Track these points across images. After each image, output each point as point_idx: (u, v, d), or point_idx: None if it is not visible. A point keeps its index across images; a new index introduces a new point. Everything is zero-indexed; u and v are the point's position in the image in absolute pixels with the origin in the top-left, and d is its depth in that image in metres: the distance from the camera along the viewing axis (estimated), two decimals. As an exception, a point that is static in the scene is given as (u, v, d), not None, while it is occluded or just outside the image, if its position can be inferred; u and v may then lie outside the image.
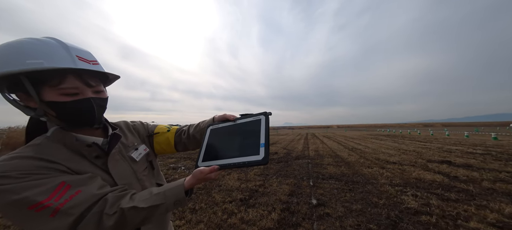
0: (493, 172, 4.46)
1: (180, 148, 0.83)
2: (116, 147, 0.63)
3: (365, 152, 8.00)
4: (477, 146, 9.45)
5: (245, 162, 0.57)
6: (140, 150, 0.70)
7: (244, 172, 4.82)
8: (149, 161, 0.74)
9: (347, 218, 2.47)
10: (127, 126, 0.77)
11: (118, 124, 0.74)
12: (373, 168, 5.05)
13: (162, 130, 0.82)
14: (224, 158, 0.62)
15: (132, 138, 0.73)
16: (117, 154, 0.63)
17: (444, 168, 4.93)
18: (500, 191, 3.24)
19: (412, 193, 3.24)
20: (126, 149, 0.67)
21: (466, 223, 2.29)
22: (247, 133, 0.65)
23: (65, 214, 0.44)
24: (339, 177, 4.30)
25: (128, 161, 0.65)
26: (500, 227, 2.19)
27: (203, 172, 0.58)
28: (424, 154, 7.13)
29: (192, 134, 0.80)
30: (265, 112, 0.68)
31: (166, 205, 0.54)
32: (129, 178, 0.62)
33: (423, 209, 2.66)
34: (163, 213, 0.55)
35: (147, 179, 0.70)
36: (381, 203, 2.87)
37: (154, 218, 0.55)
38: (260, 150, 0.57)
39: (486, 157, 6.26)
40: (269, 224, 2.36)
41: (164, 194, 0.55)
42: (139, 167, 0.67)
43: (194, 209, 2.83)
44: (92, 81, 0.56)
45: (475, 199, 2.94)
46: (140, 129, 0.79)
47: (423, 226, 2.24)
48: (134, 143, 0.71)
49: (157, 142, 0.80)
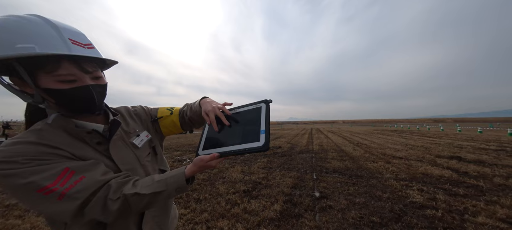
0: (506, 168, 4.30)
1: (186, 128, 0.85)
2: (117, 133, 0.63)
3: (371, 147, 7.87)
4: (491, 141, 9.09)
5: (245, 148, 0.57)
6: (142, 136, 0.71)
7: (248, 165, 4.88)
8: (152, 147, 0.74)
9: (349, 210, 2.47)
10: (128, 111, 0.76)
11: (119, 110, 0.74)
12: (378, 163, 4.98)
13: (165, 113, 0.82)
14: (224, 145, 0.62)
15: (133, 124, 0.72)
16: (119, 140, 0.63)
17: (454, 163, 4.79)
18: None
19: (418, 187, 3.18)
20: (128, 135, 0.67)
21: (474, 218, 2.24)
22: (248, 121, 0.64)
23: (71, 198, 0.46)
24: (343, 171, 4.27)
25: (130, 147, 0.65)
26: (510, 222, 2.13)
27: (204, 160, 0.58)
28: (433, 150, 6.93)
29: (191, 117, 0.81)
30: (265, 100, 0.67)
31: (168, 191, 0.55)
32: (132, 163, 0.63)
33: (428, 203, 2.61)
34: (165, 199, 0.56)
35: (150, 165, 0.71)
36: (385, 197, 2.84)
37: (156, 203, 0.56)
38: (261, 136, 0.57)
39: (500, 153, 6.02)
40: (271, 215, 2.40)
41: (165, 181, 0.56)
42: (142, 153, 0.68)
43: (198, 199, 2.92)
44: (89, 67, 0.54)
45: (485, 195, 2.86)
46: (141, 114, 0.78)
47: (427, 220, 2.21)
48: (136, 129, 0.71)
49: (163, 125, 0.81)
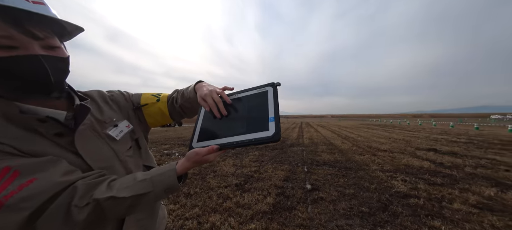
0: (474, 158, 4.73)
1: (177, 117, 0.73)
2: (85, 122, 0.51)
3: (358, 140, 8.21)
4: (461, 135, 9.96)
5: (252, 139, 0.47)
6: (121, 127, 0.58)
7: (239, 158, 4.83)
8: (134, 139, 0.63)
9: (340, 201, 2.53)
10: (102, 96, 0.62)
11: (89, 94, 0.60)
12: (365, 155, 5.19)
13: (150, 100, 0.69)
14: (224, 136, 0.52)
15: (109, 112, 0.60)
16: (89, 131, 0.51)
17: (431, 155, 5.15)
18: (480, 176, 3.44)
19: (401, 178, 3.36)
20: (102, 125, 0.55)
21: (450, 205, 2.41)
22: (252, 107, 0.55)
23: (13, 209, 0.34)
24: (332, 164, 4.39)
25: (105, 140, 0.53)
26: (480, 208, 2.33)
27: (200, 154, 0.49)
28: (413, 142, 7.40)
29: (182, 104, 0.69)
30: (272, 83, 0.58)
31: (155, 193, 0.46)
32: (108, 159, 0.52)
33: (411, 192, 2.77)
34: (151, 202, 0.46)
35: (133, 161, 0.59)
36: (373, 188, 2.96)
37: (140, 208, 0.46)
38: (269, 125, 0.48)
39: (469, 145, 6.61)
40: (264, 208, 2.38)
41: (151, 180, 0.46)
42: (121, 146, 0.56)
43: (189, 194, 2.81)
44: (39, 32, 0.42)
45: (459, 183, 3.10)
46: (120, 100, 0.65)
47: (411, 208, 2.34)
48: (113, 118, 0.59)
49: (148, 114, 0.69)
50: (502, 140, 8.03)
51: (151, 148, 6.60)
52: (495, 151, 5.61)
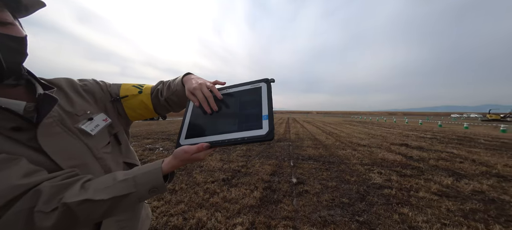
0: (437, 152, 5.35)
1: (162, 111, 0.68)
2: (52, 114, 0.44)
3: (341, 136, 8.70)
4: (427, 131, 11.14)
5: (244, 138, 0.46)
6: (97, 121, 0.53)
7: (227, 153, 4.80)
8: (113, 134, 0.57)
9: (323, 194, 2.68)
10: (72, 86, 0.54)
11: (56, 82, 0.52)
12: (346, 150, 5.54)
13: (132, 91, 0.63)
14: (215, 133, 0.50)
15: (82, 103, 0.53)
16: (56, 125, 0.45)
17: (403, 149, 5.69)
18: (441, 167, 3.91)
19: (377, 171, 3.66)
20: (73, 118, 0.49)
21: (417, 193, 2.71)
22: (244, 104, 0.53)
23: None
24: (317, 158, 4.60)
25: (77, 135, 0.47)
26: (439, 195, 2.66)
27: (188, 152, 0.46)
28: (388, 138, 8.08)
29: (168, 97, 0.64)
30: (266, 79, 0.56)
31: (138, 194, 0.43)
32: (80, 157, 0.46)
33: (385, 183, 3.04)
34: (133, 204, 0.43)
35: (111, 158, 0.54)
36: (353, 180, 3.18)
37: (120, 210, 0.42)
38: (263, 123, 0.47)
39: (433, 141, 7.44)
40: (251, 202, 2.41)
41: (133, 180, 0.43)
42: (98, 142, 0.51)
43: (174, 190, 2.73)
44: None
45: (424, 174, 3.49)
46: (95, 91, 0.58)
47: (385, 198, 2.58)
48: (86, 110, 0.52)
49: (129, 107, 0.63)
50: (459, 135, 9.18)
51: (132, 143, 6.21)
52: (453, 145, 6.41)
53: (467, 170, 3.75)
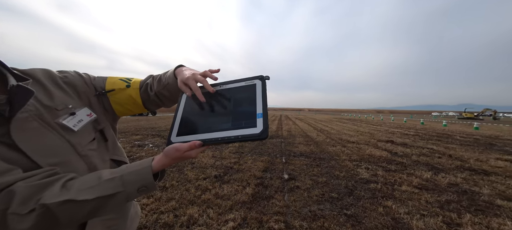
0: (419, 148, 5.70)
1: (151, 106, 0.65)
2: (28, 108, 0.41)
3: (331, 133, 8.97)
4: (411, 129, 11.82)
5: (238, 136, 0.45)
6: (81, 115, 0.49)
7: (219, 150, 4.76)
8: (98, 130, 0.54)
9: (314, 189, 2.76)
10: (51, 77, 0.50)
11: (31, 73, 0.47)
12: (336, 147, 5.73)
13: (119, 85, 0.59)
14: (207, 131, 0.49)
15: (62, 96, 0.49)
16: (33, 120, 0.41)
17: (388, 146, 6.00)
18: (422, 162, 4.18)
19: (365, 166, 3.83)
20: (53, 113, 0.45)
21: (400, 187, 2.89)
22: (239, 101, 0.52)
23: None
24: (308, 155, 4.71)
25: (57, 131, 0.44)
26: (420, 188, 2.85)
27: (180, 150, 0.44)
28: (375, 135, 8.46)
29: (159, 92, 0.61)
30: (261, 76, 0.55)
31: (126, 193, 0.41)
32: (62, 154, 0.43)
33: (372, 178, 3.20)
34: (121, 204, 0.41)
35: (97, 155, 0.51)
36: (342, 176, 3.31)
37: (106, 210, 0.41)
38: (257, 121, 0.46)
39: (416, 137, 7.92)
40: (243, 198, 2.43)
41: (121, 179, 0.41)
42: (81, 139, 0.48)
43: (164, 187, 2.67)
44: None
45: (407, 169, 3.71)
46: (77, 84, 0.54)
47: (371, 192, 2.71)
48: (68, 104, 0.49)
49: (116, 102, 0.60)
50: (438, 133, 9.84)
51: (120, 139, 5.94)
52: (433, 142, 6.86)
53: (444, 165, 4.05)
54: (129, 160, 0.65)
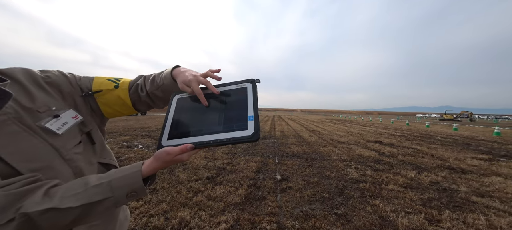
0: (404, 148, 6.00)
1: (142, 107, 0.63)
2: (6, 111, 0.39)
3: (323, 134, 9.18)
4: (397, 129, 12.40)
5: (230, 138, 0.45)
6: (65, 118, 0.47)
7: (212, 150, 4.71)
8: (85, 132, 0.52)
9: (305, 189, 2.82)
10: (32, 77, 0.47)
11: (10, 73, 0.44)
12: (328, 147, 5.87)
13: (106, 86, 0.57)
14: (199, 134, 0.48)
15: (44, 97, 0.46)
16: (12, 123, 0.39)
17: (377, 146, 6.25)
18: (407, 162, 4.40)
19: (355, 166, 3.97)
20: (34, 115, 0.43)
21: (387, 186, 3.02)
22: (230, 104, 0.52)
23: None
24: (300, 155, 4.79)
25: (40, 135, 0.42)
26: (405, 187, 3.00)
27: (171, 153, 0.44)
28: (365, 136, 8.78)
29: (152, 92, 0.60)
30: (251, 80, 0.55)
31: (115, 199, 0.40)
32: (44, 159, 0.41)
33: (361, 178, 3.32)
34: (108, 210, 0.40)
35: (83, 159, 0.49)
36: (333, 176, 3.40)
37: (92, 218, 0.39)
38: (249, 124, 0.47)
39: (402, 138, 8.31)
40: (236, 199, 2.42)
41: (109, 184, 0.40)
42: (66, 142, 0.46)
43: (154, 189, 2.60)
44: None
45: (393, 169, 3.89)
46: (61, 84, 0.51)
47: (360, 191, 2.81)
48: (51, 106, 0.46)
49: (104, 103, 0.57)
50: (422, 133, 10.41)
51: (108, 140, 5.67)
52: (417, 142, 7.24)
53: (427, 164, 4.29)
54: (117, 161, 0.63)
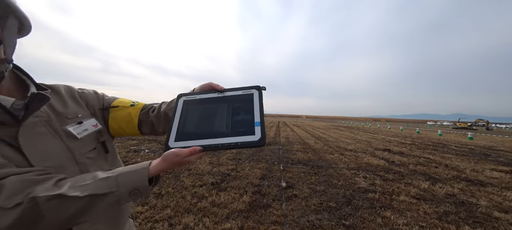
0: (415, 157, 5.74)
1: (146, 130, 0.64)
2: (40, 114, 0.44)
3: (329, 141, 8.99)
4: (407, 137, 11.93)
5: (238, 142, 0.47)
6: (87, 125, 0.52)
7: (216, 156, 4.71)
8: (100, 141, 0.56)
9: (312, 198, 2.73)
10: (70, 91, 0.56)
11: (54, 87, 0.53)
12: (334, 155, 5.73)
13: (124, 103, 0.63)
14: (207, 137, 0.49)
15: (75, 107, 0.53)
16: (42, 125, 0.43)
17: (386, 154, 6.02)
18: (419, 172, 4.20)
19: (363, 175, 3.83)
20: (63, 120, 0.48)
21: (398, 197, 2.87)
22: (237, 109, 0.54)
23: None
24: (306, 162, 4.69)
25: (60, 137, 0.46)
26: (418, 198, 2.85)
27: (180, 155, 0.44)
28: (373, 143, 8.51)
29: (164, 111, 0.62)
30: (257, 86, 0.57)
31: (118, 194, 0.40)
32: (58, 159, 0.44)
33: (370, 187, 3.19)
34: (110, 206, 0.40)
35: (94, 164, 0.52)
36: (340, 184, 3.29)
37: (94, 212, 0.39)
38: (255, 129, 0.48)
39: (412, 146, 7.98)
40: (240, 206, 2.38)
41: (115, 179, 0.41)
42: (82, 146, 0.49)
43: (159, 194, 2.61)
44: None
45: (404, 178, 3.71)
46: (89, 98, 0.59)
47: (369, 201, 2.69)
48: (78, 114, 0.52)
49: (113, 117, 0.60)
50: (434, 142, 9.96)
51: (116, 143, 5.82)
52: (429, 151, 6.92)
53: (441, 174, 4.07)
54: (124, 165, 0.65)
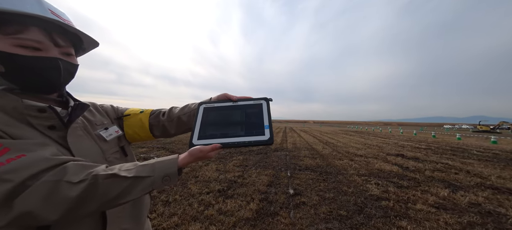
0: (432, 163, 5.38)
1: (157, 132, 0.74)
2: (78, 121, 0.55)
3: (337, 146, 8.72)
4: (422, 142, 11.29)
5: (251, 141, 0.57)
6: (111, 131, 0.63)
7: (223, 163, 4.71)
8: (121, 146, 0.66)
9: (321, 205, 2.63)
10: (94, 105, 0.69)
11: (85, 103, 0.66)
12: (343, 160, 5.53)
13: (134, 111, 0.74)
14: (225, 137, 0.59)
15: (100, 117, 0.65)
16: (80, 129, 0.55)
17: (399, 160, 5.72)
18: (437, 179, 3.92)
19: (375, 182, 3.64)
20: (93, 126, 0.60)
21: (414, 205, 2.69)
22: (249, 115, 0.65)
23: None
24: (314, 168, 4.56)
25: (95, 139, 0.57)
26: (437, 207, 2.65)
27: (203, 151, 0.53)
28: (384, 148, 8.14)
29: (178, 116, 0.72)
30: (265, 98, 0.68)
31: (154, 179, 0.47)
32: (94, 156, 0.54)
33: (383, 195, 3.02)
34: (147, 188, 0.46)
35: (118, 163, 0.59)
36: (350, 191, 3.15)
37: (134, 195, 0.45)
38: (265, 131, 0.59)
39: (428, 151, 7.53)
40: (247, 214, 2.34)
41: (152, 166, 0.49)
42: (109, 148, 0.60)
43: (167, 201, 2.63)
44: (62, 41, 0.50)
45: (421, 186, 3.49)
46: (109, 110, 0.72)
47: (383, 210, 2.54)
48: (104, 122, 0.64)
49: (128, 125, 0.71)
50: (452, 146, 9.33)
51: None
52: (447, 156, 6.48)
53: (463, 182, 3.78)
54: None
